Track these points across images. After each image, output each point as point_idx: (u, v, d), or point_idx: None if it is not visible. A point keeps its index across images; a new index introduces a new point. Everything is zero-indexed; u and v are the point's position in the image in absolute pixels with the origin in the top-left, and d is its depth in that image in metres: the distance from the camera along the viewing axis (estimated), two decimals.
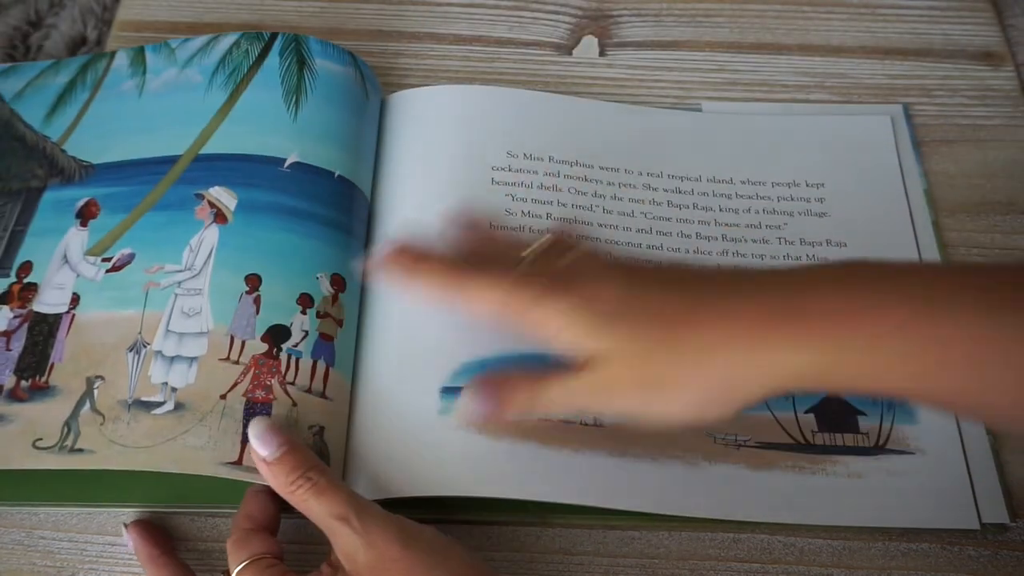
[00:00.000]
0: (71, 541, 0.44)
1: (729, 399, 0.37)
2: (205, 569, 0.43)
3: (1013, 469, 0.46)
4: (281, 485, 0.39)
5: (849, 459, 0.45)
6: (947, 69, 0.59)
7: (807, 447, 0.45)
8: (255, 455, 0.39)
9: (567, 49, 0.61)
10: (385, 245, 0.41)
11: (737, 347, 0.36)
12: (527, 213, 0.51)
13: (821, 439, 0.46)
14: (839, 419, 0.46)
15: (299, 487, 0.38)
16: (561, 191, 0.52)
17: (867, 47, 0.61)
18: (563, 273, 0.39)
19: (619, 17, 0.62)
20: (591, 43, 0.61)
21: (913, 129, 0.57)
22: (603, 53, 0.61)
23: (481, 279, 0.39)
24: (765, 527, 0.44)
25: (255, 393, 0.42)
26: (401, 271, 0.41)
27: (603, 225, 0.51)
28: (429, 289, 0.40)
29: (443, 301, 0.40)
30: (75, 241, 0.47)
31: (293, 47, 0.52)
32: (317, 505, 0.38)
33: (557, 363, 0.39)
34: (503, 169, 0.52)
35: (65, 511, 0.44)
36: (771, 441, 0.46)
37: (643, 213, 0.52)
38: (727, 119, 0.57)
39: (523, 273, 0.39)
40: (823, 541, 0.45)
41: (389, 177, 0.52)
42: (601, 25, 0.62)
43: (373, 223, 0.51)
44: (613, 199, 0.52)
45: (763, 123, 0.56)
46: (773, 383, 0.36)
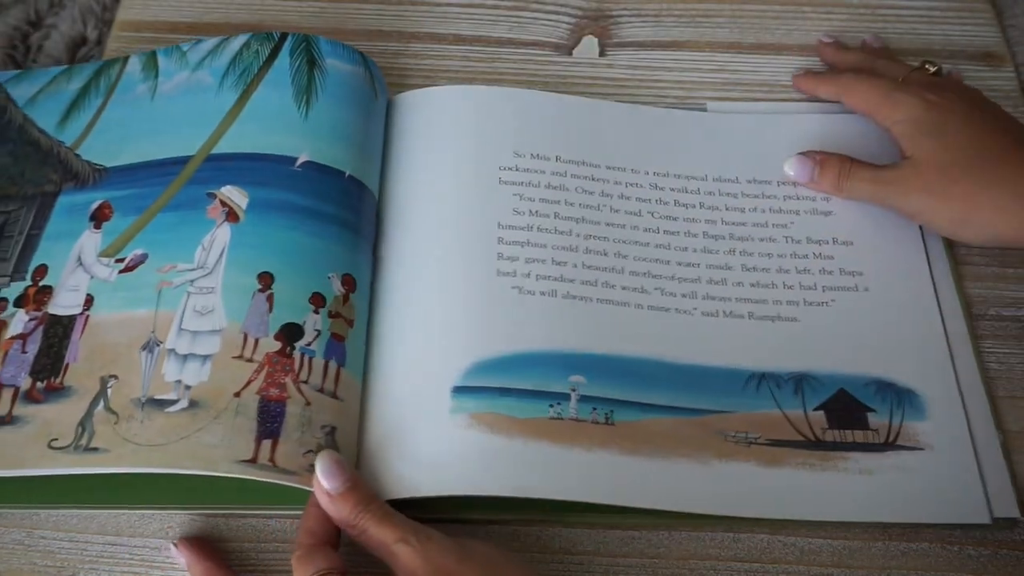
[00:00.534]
0: (71, 541, 0.44)
1: (994, 226, 0.48)
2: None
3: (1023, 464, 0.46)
4: (343, 517, 0.40)
5: (859, 456, 0.45)
6: (947, 69, 0.60)
7: (817, 444, 0.46)
8: (318, 486, 0.40)
9: (567, 49, 0.61)
10: None
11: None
12: (535, 212, 0.51)
13: (831, 436, 0.46)
14: (849, 416, 0.46)
15: (361, 518, 0.39)
16: (568, 191, 0.52)
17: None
18: (933, 85, 0.52)
19: (619, 17, 0.63)
20: (591, 43, 0.61)
21: None
22: (603, 53, 0.61)
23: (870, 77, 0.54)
24: (766, 526, 0.45)
25: (269, 391, 0.42)
26: None
27: (611, 224, 0.51)
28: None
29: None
30: (89, 243, 0.48)
31: (303, 47, 0.52)
32: (378, 533, 0.39)
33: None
34: (510, 169, 0.52)
35: (65, 511, 0.44)
36: (781, 439, 0.46)
37: (650, 212, 0.52)
38: (732, 119, 0.57)
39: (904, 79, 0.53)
40: (823, 541, 0.45)
41: (396, 177, 0.53)
42: (601, 25, 0.62)
43: (380, 223, 0.51)
44: (620, 198, 0.53)
45: (768, 122, 0.57)
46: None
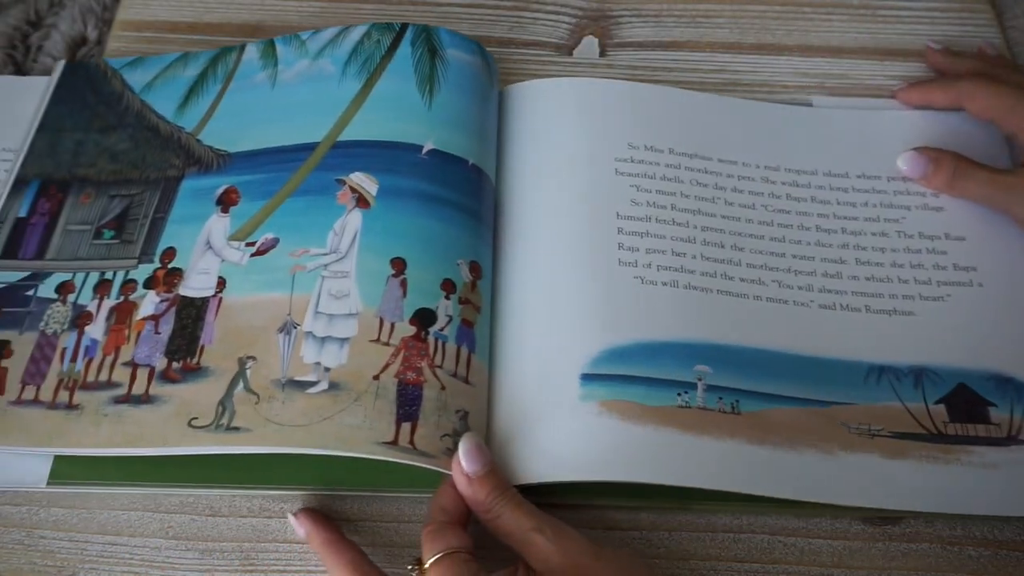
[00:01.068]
0: (71, 541, 0.44)
1: None
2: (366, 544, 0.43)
3: None
4: (479, 501, 0.40)
5: (983, 449, 0.45)
6: None
7: (940, 437, 0.45)
8: (457, 468, 0.40)
9: (567, 49, 0.61)
10: None
11: None
12: (652, 204, 0.51)
13: (953, 430, 0.46)
14: (970, 410, 0.46)
15: (496, 503, 0.40)
16: (683, 183, 0.52)
17: (867, 48, 0.61)
18: None
19: (619, 17, 0.62)
20: (591, 43, 0.61)
21: None
22: (603, 53, 0.60)
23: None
24: (767, 527, 0.45)
25: (406, 375, 0.43)
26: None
27: (726, 217, 0.51)
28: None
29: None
30: (218, 227, 0.48)
31: (424, 37, 0.53)
32: (514, 519, 0.39)
33: None
34: (626, 160, 0.52)
35: (65, 511, 0.45)
36: (904, 431, 0.46)
37: (764, 206, 0.52)
38: (837, 114, 0.57)
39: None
40: (823, 541, 0.45)
41: (509, 166, 0.53)
42: (601, 25, 0.62)
43: (498, 212, 0.51)
44: (734, 191, 0.53)
45: (872, 118, 0.57)
46: None
